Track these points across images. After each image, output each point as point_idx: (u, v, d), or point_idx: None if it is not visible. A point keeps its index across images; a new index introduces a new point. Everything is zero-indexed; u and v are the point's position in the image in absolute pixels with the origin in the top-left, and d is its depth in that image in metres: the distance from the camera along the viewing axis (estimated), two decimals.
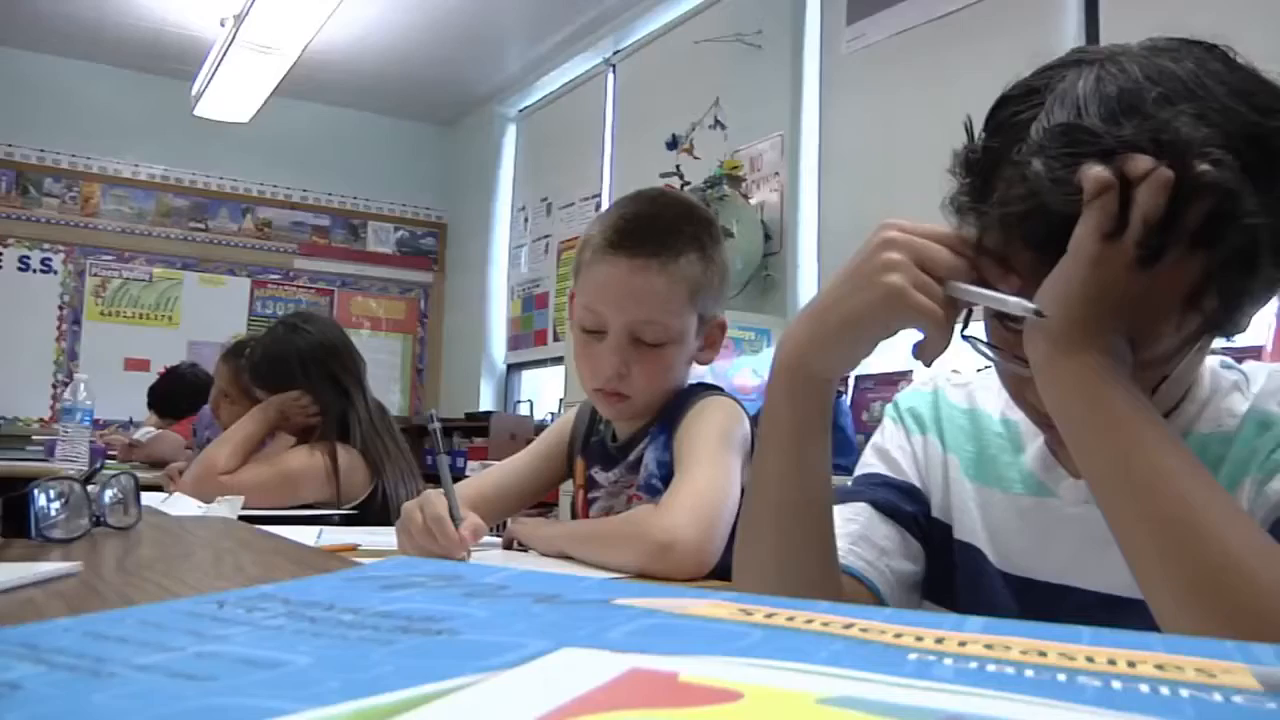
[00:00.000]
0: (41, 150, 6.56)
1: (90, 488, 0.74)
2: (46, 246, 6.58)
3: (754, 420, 1.50)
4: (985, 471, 0.96)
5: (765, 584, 0.89)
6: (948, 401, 1.02)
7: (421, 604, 0.32)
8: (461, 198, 7.51)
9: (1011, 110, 0.77)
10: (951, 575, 0.97)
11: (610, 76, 6.05)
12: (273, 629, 0.29)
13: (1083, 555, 0.86)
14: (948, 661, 0.25)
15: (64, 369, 6.39)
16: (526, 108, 7.06)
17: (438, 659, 0.25)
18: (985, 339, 0.83)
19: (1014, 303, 0.72)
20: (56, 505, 0.69)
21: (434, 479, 1.27)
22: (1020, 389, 0.82)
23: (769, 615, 0.28)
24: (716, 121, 4.72)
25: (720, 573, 1.24)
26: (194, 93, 5.43)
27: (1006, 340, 0.80)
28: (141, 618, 0.32)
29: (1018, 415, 0.92)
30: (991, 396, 1.00)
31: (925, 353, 0.79)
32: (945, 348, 0.78)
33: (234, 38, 4.64)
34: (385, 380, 7.24)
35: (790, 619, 0.27)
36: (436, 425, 1.32)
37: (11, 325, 6.37)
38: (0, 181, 6.50)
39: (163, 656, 0.26)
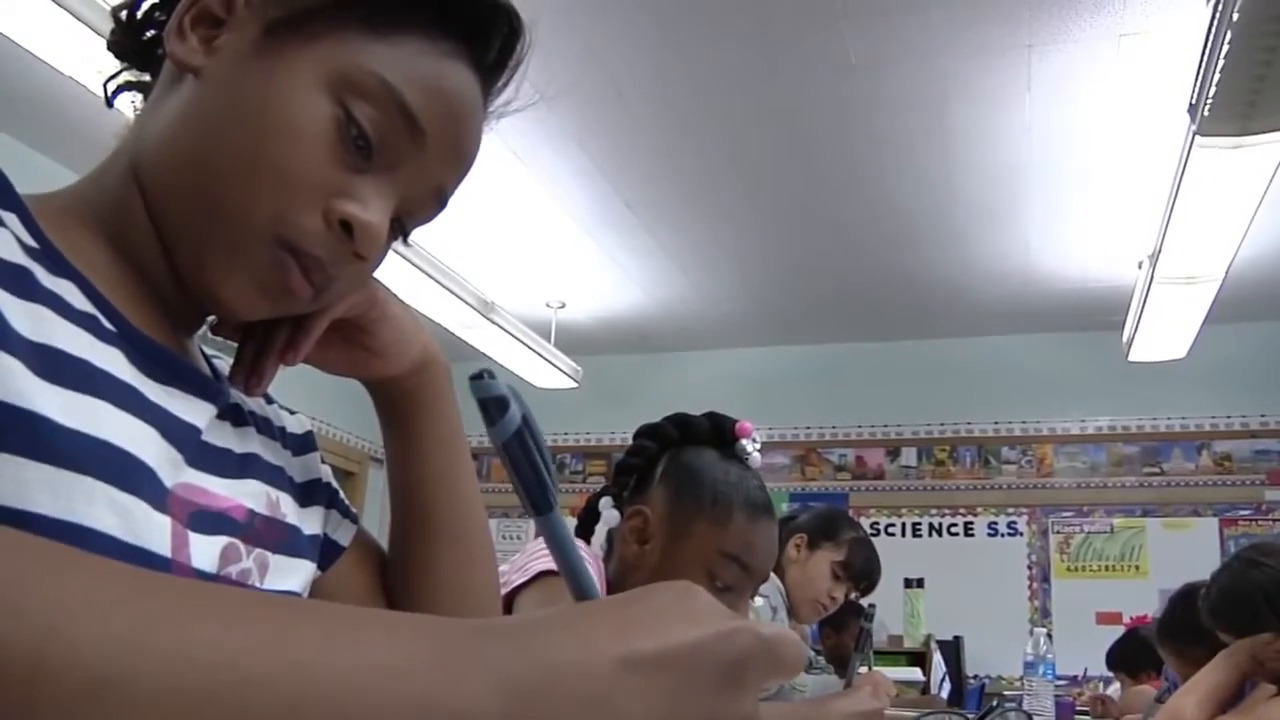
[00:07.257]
0: (996, 423, 7.10)
1: None
2: (1010, 511, 6.99)
3: None
4: None
5: None
6: None
7: None
8: None
9: None
10: None
11: None
12: None
13: None
14: None
15: (1038, 626, 6.55)
16: None
17: None
18: None
19: None
20: None
21: None
22: None
23: None
24: None
25: None
26: (1124, 339, 5.49)
27: None
28: None
29: None
30: None
31: None
32: None
33: (1153, 276, 4.64)
34: None
35: None
36: None
37: (985, 588, 6.80)
38: (965, 457, 7.14)
39: None
